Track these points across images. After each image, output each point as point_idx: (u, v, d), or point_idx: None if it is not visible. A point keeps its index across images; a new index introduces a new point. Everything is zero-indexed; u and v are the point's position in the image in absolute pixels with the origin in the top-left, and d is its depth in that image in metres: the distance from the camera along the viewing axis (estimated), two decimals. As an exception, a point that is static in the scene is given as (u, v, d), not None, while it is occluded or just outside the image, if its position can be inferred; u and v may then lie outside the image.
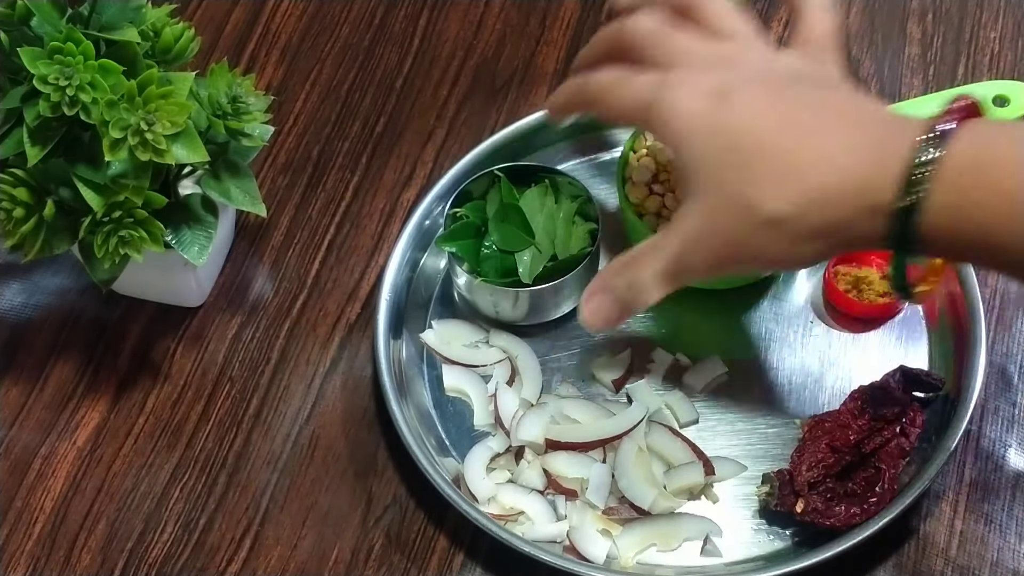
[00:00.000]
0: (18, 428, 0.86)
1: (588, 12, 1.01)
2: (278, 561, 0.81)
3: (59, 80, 0.73)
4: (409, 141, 0.96)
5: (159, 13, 0.80)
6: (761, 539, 0.80)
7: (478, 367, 0.86)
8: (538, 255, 0.84)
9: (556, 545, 0.80)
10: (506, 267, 0.84)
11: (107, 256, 0.76)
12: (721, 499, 0.81)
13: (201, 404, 0.86)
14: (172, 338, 0.89)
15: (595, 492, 0.80)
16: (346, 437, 0.85)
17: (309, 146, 0.96)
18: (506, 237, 0.85)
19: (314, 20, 1.01)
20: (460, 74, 0.98)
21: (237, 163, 0.82)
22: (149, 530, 0.82)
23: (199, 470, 0.84)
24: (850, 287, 0.86)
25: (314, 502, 0.83)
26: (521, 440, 0.82)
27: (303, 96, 0.98)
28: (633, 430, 0.82)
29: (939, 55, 0.98)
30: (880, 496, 0.77)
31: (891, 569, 0.80)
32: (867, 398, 0.80)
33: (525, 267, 0.84)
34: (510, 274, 0.84)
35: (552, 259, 0.85)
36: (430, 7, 1.02)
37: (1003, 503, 0.81)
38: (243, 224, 0.92)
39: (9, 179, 0.77)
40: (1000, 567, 0.79)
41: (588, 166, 0.93)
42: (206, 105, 0.79)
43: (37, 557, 0.81)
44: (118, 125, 0.74)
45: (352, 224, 0.93)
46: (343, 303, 0.90)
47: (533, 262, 0.84)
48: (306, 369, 0.87)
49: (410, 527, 0.82)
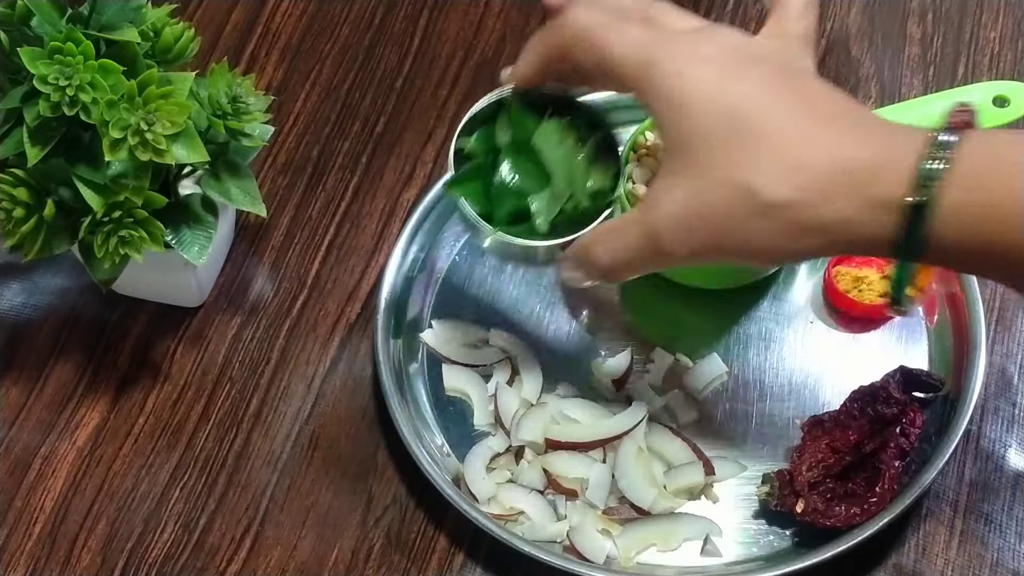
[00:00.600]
0: (18, 428, 0.86)
1: (588, 12, 1.01)
2: (278, 561, 0.81)
3: (59, 80, 0.73)
4: (409, 141, 0.96)
5: (159, 13, 0.80)
6: (761, 539, 0.80)
7: (478, 367, 0.86)
8: (553, 199, 0.75)
9: (556, 545, 0.80)
10: (518, 209, 0.75)
11: (107, 256, 0.76)
12: (721, 499, 0.81)
13: (201, 404, 0.86)
14: (172, 338, 0.89)
15: (595, 492, 0.80)
16: (346, 437, 0.85)
17: (309, 146, 0.96)
18: (520, 174, 0.75)
19: (314, 20, 1.01)
20: (460, 74, 0.98)
21: (237, 163, 0.82)
22: (149, 530, 0.82)
23: (199, 470, 0.84)
24: (850, 287, 0.86)
25: (314, 502, 0.83)
26: (521, 440, 0.82)
27: (303, 96, 0.98)
28: (633, 430, 0.82)
29: (939, 55, 0.98)
30: (880, 496, 0.77)
31: (891, 569, 0.80)
32: (867, 398, 0.80)
33: (540, 211, 0.74)
34: (524, 216, 0.75)
35: (569, 201, 0.75)
36: (430, 7, 1.02)
37: (1003, 503, 0.81)
38: (243, 224, 0.92)
39: (9, 179, 0.77)
40: (1000, 567, 0.79)
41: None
42: (206, 105, 0.79)
43: (37, 557, 0.81)
44: (118, 125, 0.74)
45: (352, 224, 0.93)
46: (343, 303, 0.90)
47: (549, 206, 0.75)
48: (306, 369, 0.87)
49: (410, 527, 0.82)
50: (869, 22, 1.00)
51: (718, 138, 0.61)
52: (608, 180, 0.75)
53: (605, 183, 0.75)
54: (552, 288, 0.88)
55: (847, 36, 0.99)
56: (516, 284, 0.89)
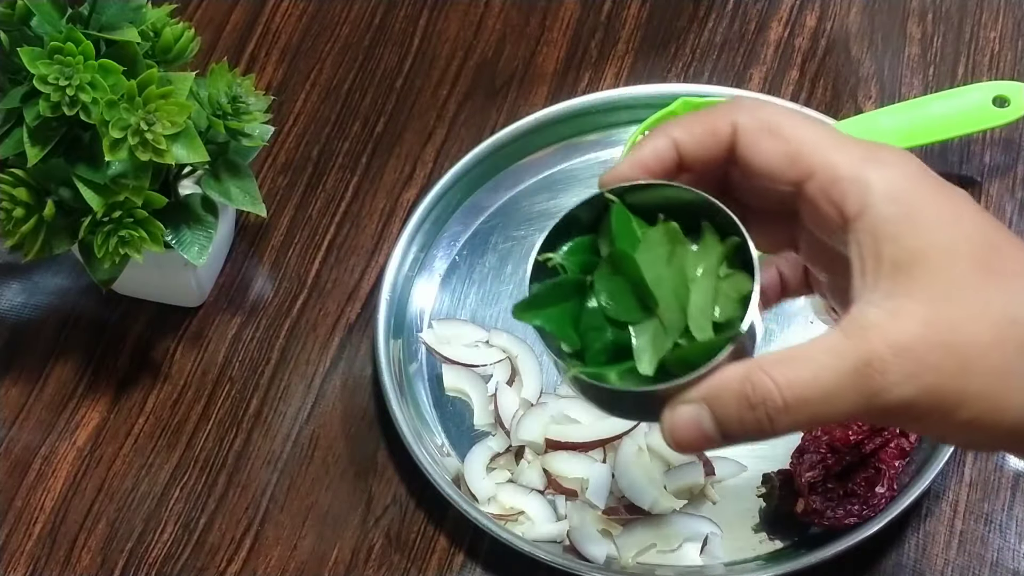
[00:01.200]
0: (18, 428, 0.85)
1: (588, 12, 1.01)
2: (278, 561, 0.81)
3: (59, 80, 0.73)
4: (409, 141, 0.96)
5: (159, 13, 0.80)
6: (761, 539, 0.80)
7: (478, 367, 0.86)
8: (663, 330, 0.55)
9: (556, 545, 0.80)
10: (617, 343, 0.56)
11: (107, 256, 0.76)
12: (721, 499, 0.81)
13: (201, 404, 0.86)
14: (172, 338, 0.89)
15: (595, 492, 0.80)
16: (346, 437, 0.85)
17: (309, 146, 0.96)
18: (619, 299, 0.56)
19: (314, 20, 1.01)
20: (460, 74, 0.98)
21: (237, 163, 0.82)
22: (149, 530, 0.82)
23: (199, 470, 0.84)
24: (850, 287, 0.86)
25: (314, 502, 0.83)
26: (521, 440, 0.82)
27: (303, 96, 0.98)
28: (633, 430, 0.82)
29: (939, 55, 0.98)
30: (880, 496, 0.77)
31: (891, 569, 0.80)
32: (867, 398, 0.80)
33: (645, 347, 0.55)
34: (622, 354, 0.56)
35: (684, 335, 0.55)
36: (430, 7, 1.02)
37: (1003, 503, 0.81)
38: (243, 224, 0.92)
39: (9, 179, 0.77)
40: (1000, 567, 0.79)
41: (588, 166, 0.93)
42: (206, 105, 0.79)
43: (37, 557, 0.81)
44: (118, 125, 0.74)
45: (352, 224, 0.93)
46: (343, 303, 0.90)
47: (656, 341, 0.55)
48: (306, 369, 0.87)
49: (410, 527, 0.82)
50: (869, 22, 1.00)
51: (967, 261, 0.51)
52: (737, 306, 0.55)
53: (734, 310, 0.55)
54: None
55: (847, 36, 0.99)
56: (516, 284, 0.89)
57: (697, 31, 0.99)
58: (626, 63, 0.98)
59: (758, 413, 0.51)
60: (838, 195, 0.53)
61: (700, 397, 0.53)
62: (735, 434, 0.52)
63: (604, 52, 0.99)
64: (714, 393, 0.52)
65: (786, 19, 1.00)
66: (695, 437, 0.53)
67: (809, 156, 0.54)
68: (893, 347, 0.49)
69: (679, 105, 0.88)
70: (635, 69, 0.98)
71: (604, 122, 0.94)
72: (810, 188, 0.54)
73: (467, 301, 0.89)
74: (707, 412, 0.53)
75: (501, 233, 0.91)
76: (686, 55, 0.98)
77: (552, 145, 0.93)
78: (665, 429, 0.54)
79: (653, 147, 0.57)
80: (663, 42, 0.99)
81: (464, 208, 0.91)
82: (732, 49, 0.98)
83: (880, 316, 0.50)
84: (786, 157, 0.54)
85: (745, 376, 0.51)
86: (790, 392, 0.50)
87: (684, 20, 1.00)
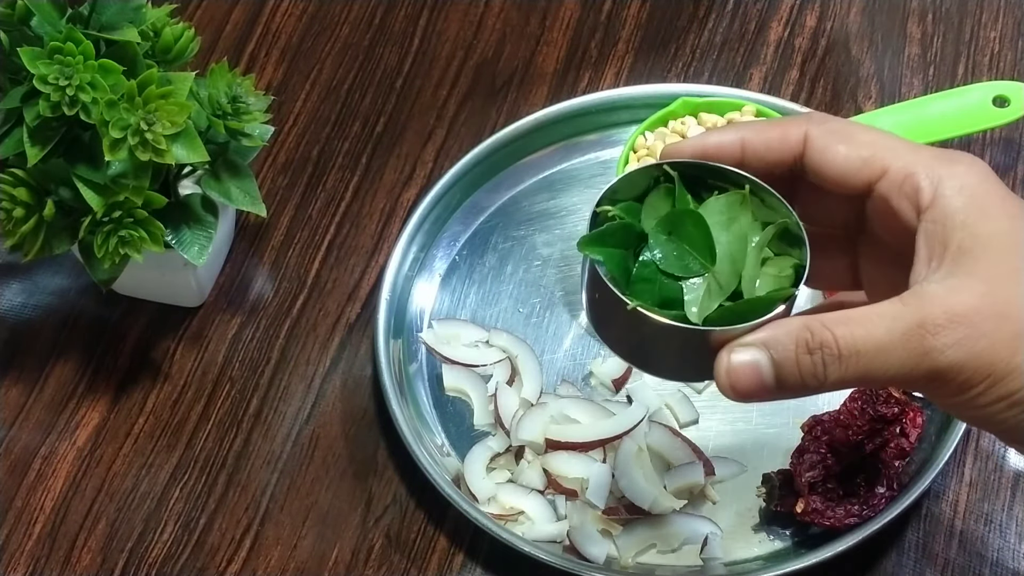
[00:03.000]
0: (18, 428, 0.86)
1: (588, 12, 1.01)
2: (278, 561, 0.81)
3: (59, 80, 0.73)
4: (409, 141, 0.96)
5: (159, 13, 0.80)
6: (761, 539, 0.80)
7: (478, 367, 0.86)
8: (716, 288, 0.60)
9: (556, 545, 0.80)
10: (665, 296, 0.60)
11: (107, 256, 0.76)
12: (721, 499, 0.81)
13: (201, 404, 0.86)
14: (172, 338, 0.89)
15: (595, 492, 0.80)
16: (346, 437, 0.85)
17: (309, 146, 0.96)
18: (673, 255, 0.60)
19: (314, 20, 1.01)
20: (460, 74, 0.98)
21: (237, 163, 0.82)
22: (149, 530, 0.82)
23: (199, 470, 0.84)
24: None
25: (314, 502, 0.83)
26: (521, 440, 0.82)
27: (303, 96, 0.98)
28: (633, 430, 0.82)
29: (939, 55, 0.98)
30: (880, 496, 0.77)
31: (891, 569, 0.80)
32: (867, 398, 0.80)
33: (695, 300, 0.59)
34: (669, 305, 0.60)
35: (733, 297, 0.60)
36: (430, 7, 1.02)
37: (1003, 503, 0.81)
38: (243, 224, 0.92)
39: (9, 179, 0.77)
40: (1000, 567, 0.79)
41: (588, 166, 0.93)
42: (206, 105, 0.79)
43: (37, 557, 0.81)
44: (118, 125, 0.74)
45: (352, 224, 0.93)
46: (343, 303, 0.90)
47: (707, 296, 0.60)
48: (306, 369, 0.87)
49: (410, 527, 0.82)
50: (869, 22, 1.00)
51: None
52: (784, 276, 0.60)
53: (782, 280, 0.60)
54: (552, 287, 0.89)
55: (847, 36, 0.99)
56: (516, 284, 0.89)
57: (697, 31, 0.99)
58: (626, 63, 0.98)
59: (815, 358, 0.54)
60: (911, 188, 0.56)
61: (760, 340, 0.55)
62: (790, 380, 0.55)
63: (604, 52, 0.99)
64: (775, 336, 0.55)
65: (786, 19, 1.00)
66: (752, 381, 0.55)
67: (882, 158, 0.57)
68: (948, 313, 0.52)
69: (679, 105, 0.88)
70: (635, 69, 0.98)
71: (604, 122, 0.94)
72: (883, 185, 0.57)
73: (467, 301, 0.89)
74: (766, 356, 0.55)
75: (501, 233, 0.91)
76: (686, 55, 0.98)
77: (552, 145, 0.93)
78: (722, 373, 0.56)
79: (720, 138, 0.60)
80: (663, 42, 0.99)
81: (464, 208, 0.91)
82: (732, 49, 0.98)
83: (939, 289, 0.53)
84: (859, 159, 0.57)
85: (804, 324, 0.54)
86: (845, 343, 0.53)
87: (684, 20, 1.00)
